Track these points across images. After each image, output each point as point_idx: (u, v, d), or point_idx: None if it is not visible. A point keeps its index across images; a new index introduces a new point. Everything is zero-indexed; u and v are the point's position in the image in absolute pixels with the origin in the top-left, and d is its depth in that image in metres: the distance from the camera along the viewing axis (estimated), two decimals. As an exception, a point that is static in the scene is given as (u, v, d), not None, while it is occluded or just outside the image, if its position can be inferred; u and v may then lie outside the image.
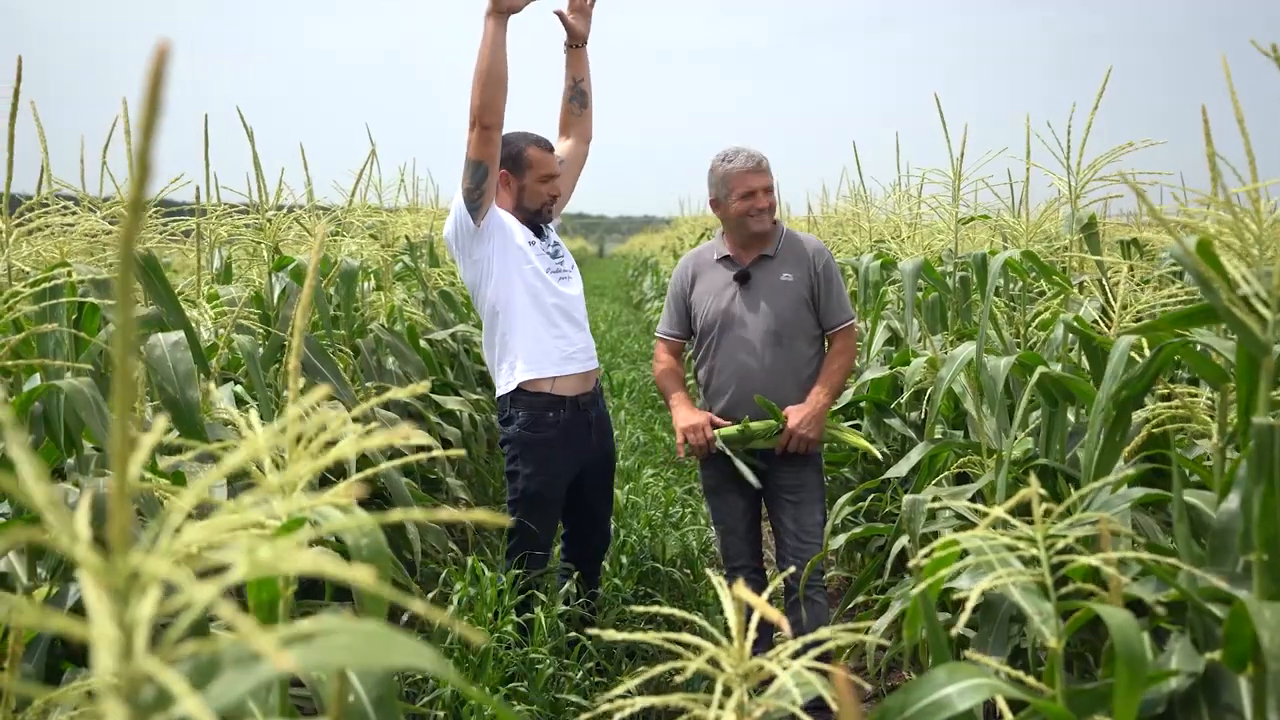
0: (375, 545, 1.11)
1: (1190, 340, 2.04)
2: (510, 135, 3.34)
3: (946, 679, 1.34)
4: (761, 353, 3.30)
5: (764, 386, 3.29)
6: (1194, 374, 2.88)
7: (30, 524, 1.87)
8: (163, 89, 0.67)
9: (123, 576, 0.71)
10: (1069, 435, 2.66)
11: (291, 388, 1.34)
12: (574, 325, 3.36)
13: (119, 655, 0.69)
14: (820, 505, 3.36)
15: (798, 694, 1.26)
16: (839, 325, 3.36)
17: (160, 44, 0.67)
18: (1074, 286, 2.88)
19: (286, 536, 1.12)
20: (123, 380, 0.71)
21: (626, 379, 8.62)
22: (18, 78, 1.73)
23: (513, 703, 2.89)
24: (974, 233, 4.67)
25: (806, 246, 3.39)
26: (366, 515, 1.10)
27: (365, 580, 0.72)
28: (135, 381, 0.73)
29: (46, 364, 1.76)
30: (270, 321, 3.31)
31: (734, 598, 1.30)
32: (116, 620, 0.69)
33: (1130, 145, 2.55)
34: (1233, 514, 1.67)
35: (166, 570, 0.71)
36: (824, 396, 3.28)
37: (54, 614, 0.67)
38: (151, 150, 0.69)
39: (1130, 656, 1.24)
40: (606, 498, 3.63)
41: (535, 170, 3.32)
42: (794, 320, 3.31)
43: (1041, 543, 1.45)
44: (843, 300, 3.38)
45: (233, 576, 0.75)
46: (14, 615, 0.66)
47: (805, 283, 3.33)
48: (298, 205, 4.16)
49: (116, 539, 0.72)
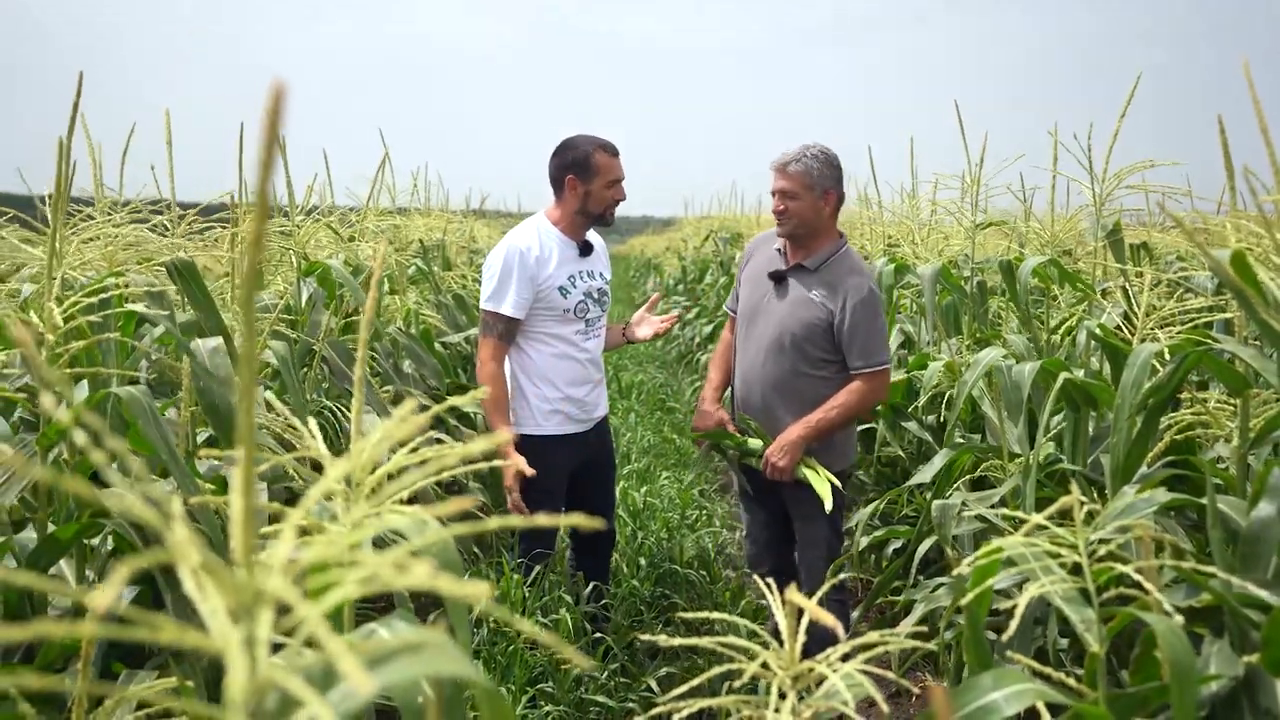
0: (449, 555, 1.15)
1: (1214, 348, 2.08)
2: (576, 140, 3.37)
3: (993, 685, 1.37)
4: (763, 359, 3.26)
5: (758, 392, 3.28)
6: (1203, 378, 2.91)
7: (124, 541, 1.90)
8: (280, 127, 0.70)
9: (250, 594, 0.74)
10: (1091, 440, 2.70)
11: (356, 401, 1.38)
12: (590, 380, 3.46)
13: (249, 668, 0.72)
14: (825, 518, 3.20)
15: (849, 695, 1.29)
16: (859, 370, 3.16)
17: (275, 84, 0.70)
18: (1097, 293, 2.92)
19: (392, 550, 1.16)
20: (246, 404, 0.75)
21: (635, 380, 8.64)
22: (77, 92, 1.75)
23: (540, 703, 2.93)
24: (985, 238, 4.71)
25: (848, 278, 3.18)
26: (441, 527, 1.13)
27: (479, 595, 0.75)
28: (255, 405, 0.77)
29: (107, 372, 1.80)
30: (297, 327, 3.34)
31: (785, 602, 1.34)
32: (246, 635, 0.72)
33: (1152, 163, 2.59)
34: (1265, 522, 1.71)
35: (287, 589, 0.75)
36: (801, 430, 3.15)
37: (191, 631, 0.70)
38: (270, 186, 0.72)
39: (1179, 663, 1.28)
40: (607, 494, 3.64)
41: (603, 176, 3.33)
42: (803, 338, 3.18)
43: (1084, 549, 1.48)
44: (870, 344, 3.15)
45: (350, 592, 0.79)
46: (157, 633, 0.69)
47: (829, 311, 3.16)
48: (317, 210, 4.18)
49: (242, 557, 0.75)
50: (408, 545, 1.04)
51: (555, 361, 3.34)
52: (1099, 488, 2.57)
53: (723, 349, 3.54)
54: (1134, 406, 2.09)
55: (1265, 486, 1.70)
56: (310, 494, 0.94)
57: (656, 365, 10.28)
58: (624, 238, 33.20)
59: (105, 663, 1.82)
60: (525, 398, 3.33)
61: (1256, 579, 1.64)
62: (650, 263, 18.80)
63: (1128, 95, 2.67)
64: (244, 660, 0.70)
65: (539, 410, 3.33)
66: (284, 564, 0.80)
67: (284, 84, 0.69)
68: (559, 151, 3.37)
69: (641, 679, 3.20)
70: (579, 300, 3.34)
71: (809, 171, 3.18)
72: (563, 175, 3.33)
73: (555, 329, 3.33)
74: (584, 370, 3.40)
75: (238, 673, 0.70)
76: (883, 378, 3.19)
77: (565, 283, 3.31)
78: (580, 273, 3.36)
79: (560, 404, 3.35)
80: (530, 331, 3.32)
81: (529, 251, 3.27)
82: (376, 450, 1.11)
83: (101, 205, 2.75)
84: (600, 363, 3.51)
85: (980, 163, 3.47)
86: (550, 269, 3.29)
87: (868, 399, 3.18)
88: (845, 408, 3.15)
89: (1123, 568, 1.42)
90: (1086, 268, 3.06)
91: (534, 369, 3.33)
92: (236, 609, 0.74)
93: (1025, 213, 3.79)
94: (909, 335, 4.35)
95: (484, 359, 3.28)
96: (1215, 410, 2.40)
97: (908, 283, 4.38)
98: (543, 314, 3.31)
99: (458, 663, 0.86)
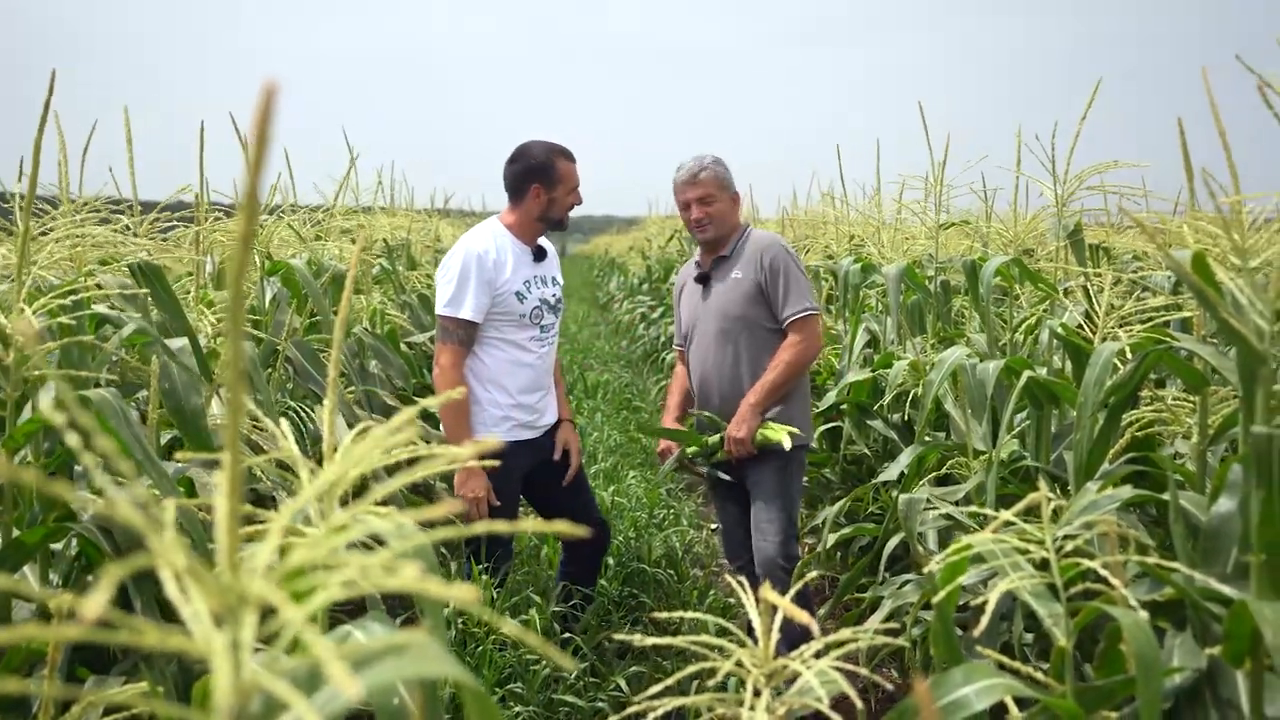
0: (428, 559, 1.14)
1: (1174, 346, 2.12)
2: (534, 146, 3.35)
3: (963, 680, 1.39)
4: (715, 352, 3.38)
5: (722, 386, 3.38)
6: (1161, 375, 2.97)
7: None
8: (271, 127, 0.70)
9: (235, 597, 0.73)
10: (1053, 438, 2.74)
11: (329, 402, 1.37)
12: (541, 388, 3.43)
13: (233, 672, 0.71)
14: (779, 502, 3.31)
15: (823, 692, 1.31)
16: (790, 317, 3.30)
17: (268, 84, 0.70)
18: (1059, 292, 2.96)
19: (377, 552, 1.15)
20: (234, 408, 0.74)
21: (600, 380, 8.64)
22: (49, 90, 1.72)
23: (509, 704, 2.92)
24: (948, 237, 4.76)
25: (759, 243, 3.38)
26: (419, 531, 1.13)
27: (470, 598, 0.75)
28: (242, 409, 0.76)
29: (77, 374, 1.77)
30: (261, 326, 3.31)
31: (760, 599, 1.35)
32: (231, 639, 0.72)
33: (1115, 164, 2.64)
34: (1224, 517, 1.75)
35: (272, 593, 0.74)
36: (752, 397, 3.27)
37: (174, 635, 0.70)
38: (259, 186, 0.72)
39: (1144, 656, 1.30)
40: (580, 495, 3.57)
41: (566, 183, 3.34)
42: (742, 316, 3.33)
43: (1051, 545, 1.51)
44: (796, 292, 3.31)
45: (332, 595, 0.78)
46: (139, 637, 0.68)
47: (753, 279, 3.33)
48: (278, 208, 4.14)
49: (227, 560, 0.75)
50: (392, 548, 1.04)
51: (509, 368, 3.31)
52: (1062, 484, 2.61)
53: (676, 378, 3.66)
54: (1096, 404, 2.13)
55: (1224, 482, 1.74)
56: (301, 496, 0.93)
57: (622, 365, 10.29)
58: (587, 237, 33.11)
59: (70, 668, 1.79)
60: (477, 403, 3.29)
61: (1217, 573, 1.68)
62: (614, 262, 18.78)
63: (1088, 100, 2.71)
64: (229, 664, 0.70)
65: (490, 416, 3.29)
66: (267, 567, 0.80)
67: (276, 83, 0.69)
68: (517, 158, 3.35)
69: (611, 679, 3.21)
70: (535, 305, 3.32)
71: (719, 175, 3.40)
72: (524, 182, 3.31)
73: (511, 334, 3.30)
74: (536, 377, 3.37)
75: (223, 676, 0.69)
76: (813, 324, 3.32)
77: (521, 288, 3.29)
78: (535, 278, 3.34)
79: (511, 410, 3.31)
80: (485, 337, 3.29)
81: (486, 255, 3.24)
82: (365, 455, 1.11)
83: (66, 206, 2.71)
84: (551, 370, 3.49)
85: (943, 163, 3.52)
86: (507, 273, 3.26)
87: (804, 350, 3.30)
88: (785, 364, 3.28)
89: (1089, 563, 1.45)
90: (1048, 267, 3.11)
91: (486, 374, 3.30)
92: (221, 612, 0.74)
93: (987, 213, 3.84)
94: (875, 334, 4.39)
95: (444, 366, 3.23)
96: (1174, 407, 2.45)
97: (873, 282, 4.42)
98: (499, 319, 3.28)
99: (444, 664, 0.86)
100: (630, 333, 11.54)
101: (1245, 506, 1.54)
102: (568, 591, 3.51)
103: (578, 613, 3.50)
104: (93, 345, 1.93)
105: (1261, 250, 1.78)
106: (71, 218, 2.15)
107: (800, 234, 6.58)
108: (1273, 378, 1.50)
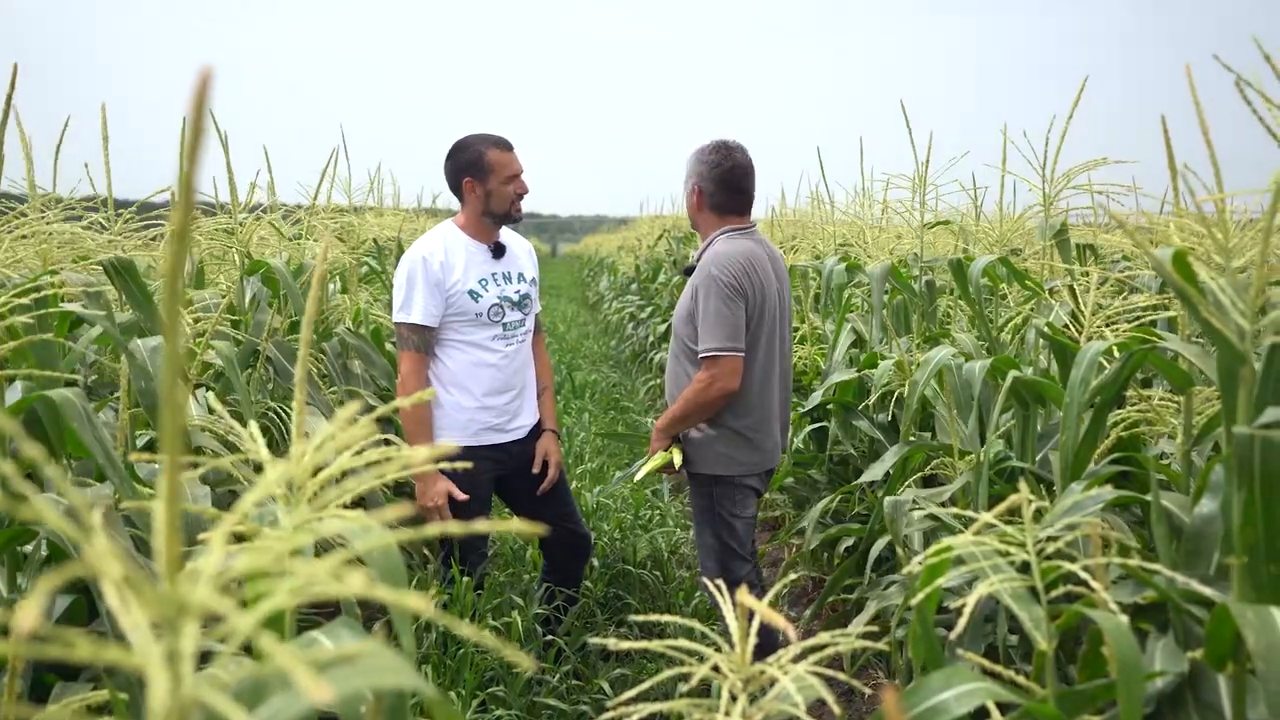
0: (392, 561, 1.12)
1: (1158, 346, 2.10)
2: (467, 140, 3.31)
3: (943, 684, 1.37)
4: (670, 362, 3.27)
5: (669, 395, 3.26)
6: (1147, 375, 2.96)
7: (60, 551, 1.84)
8: (206, 115, 0.67)
9: (174, 606, 0.71)
10: (1039, 438, 2.72)
11: (297, 402, 1.34)
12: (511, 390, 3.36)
13: (171, 685, 0.69)
14: (709, 529, 3.16)
15: (800, 698, 1.28)
16: (700, 353, 3.03)
17: (203, 70, 0.67)
18: (1045, 291, 2.95)
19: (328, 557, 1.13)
20: (171, 409, 0.71)
21: (588, 380, 8.61)
22: (11, 85, 1.69)
23: (491, 707, 2.89)
24: (935, 236, 4.75)
25: (708, 260, 3.08)
26: (385, 532, 1.10)
27: (419, 606, 0.73)
28: (183, 410, 0.73)
29: (41, 374, 1.73)
30: (241, 326, 3.27)
31: (736, 604, 1.32)
32: (168, 650, 0.69)
33: (1104, 161, 2.62)
34: (1206, 519, 1.73)
35: (215, 600, 0.71)
36: (660, 421, 3.17)
37: (109, 647, 0.67)
38: (196, 176, 0.69)
39: (1126, 660, 1.28)
40: (558, 504, 3.48)
41: (499, 173, 3.26)
42: (680, 331, 3.17)
43: (1032, 548, 1.48)
44: (707, 329, 3.00)
45: (280, 602, 0.76)
46: (71, 650, 0.65)
47: (690, 297, 3.12)
48: (260, 206, 4.10)
49: (168, 569, 0.72)
50: (347, 551, 1.01)
51: (472, 369, 3.25)
52: (1048, 485, 2.59)
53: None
54: (1082, 404, 2.11)
55: (1208, 483, 1.72)
56: (246, 499, 0.91)
57: (610, 365, 10.26)
58: (578, 236, 33.09)
59: (36, 674, 1.76)
60: (440, 407, 3.24)
61: (1199, 575, 1.66)
62: (604, 262, 18.76)
63: (1075, 98, 2.70)
64: (165, 676, 0.67)
65: (455, 420, 3.25)
66: (214, 573, 0.77)
67: (211, 70, 0.66)
68: (451, 155, 3.31)
69: (594, 681, 3.18)
70: (493, 304, 3.26)
71: (688, 163, 3.23)
72: (458, 178, 3.28)
73: (470, 335, 3.25)
74: (503, 378, 3.30)
75: (159, 689, 0.67)
76: (723, 364, 2.99)
77: (475, 286, 3.25)
78: (494, 275, 3.29)
79: (476, 413, 3.26)
80: (444, 339, 3.25)
81: (431, 258, 3.20)
82: (320, 453, 1.08)
83: (35, 203, 2.67)
84: (525, 371, 3.40)
85: (926, 162, 3.50)
86: (457, 274, 3.22)
87: (704, 390, 3.02)
88: (684, 399, 3.08)
89: (1070, 566, 1.42)
90: (1034, 267, 3.09)
91: (449, 377, 3.26)
92: (160, 622, 0.71)
93: (975, 211, 3.83)
94: (860, 334, 4.38)
95: (404, 374, 3.18)
96: (1159, 407, 2.43)
97: (859, 281, 4.40)
98: (455, 320, 3.24)
99: (400, 674, 0.84)
100: (619, 332, 11.52)
101: (1227, 508, 1.52)
102: (550, 593, 3.48)
103: (561, 615, 3.47)
104: (62, 344, 1.90)
105: (1246, 250, 1.77)
106: (39, 214, 2.12)
107: (788, 235, 6.57)
108: (1254, 378, 1.49)
